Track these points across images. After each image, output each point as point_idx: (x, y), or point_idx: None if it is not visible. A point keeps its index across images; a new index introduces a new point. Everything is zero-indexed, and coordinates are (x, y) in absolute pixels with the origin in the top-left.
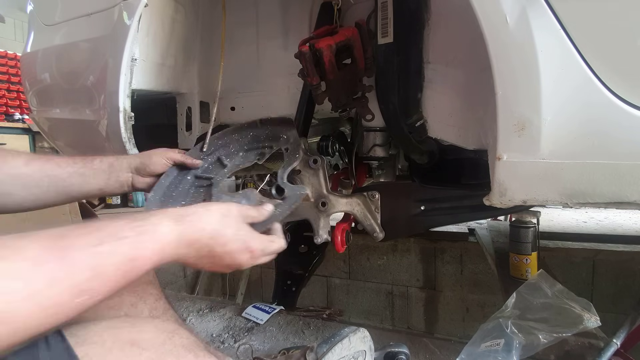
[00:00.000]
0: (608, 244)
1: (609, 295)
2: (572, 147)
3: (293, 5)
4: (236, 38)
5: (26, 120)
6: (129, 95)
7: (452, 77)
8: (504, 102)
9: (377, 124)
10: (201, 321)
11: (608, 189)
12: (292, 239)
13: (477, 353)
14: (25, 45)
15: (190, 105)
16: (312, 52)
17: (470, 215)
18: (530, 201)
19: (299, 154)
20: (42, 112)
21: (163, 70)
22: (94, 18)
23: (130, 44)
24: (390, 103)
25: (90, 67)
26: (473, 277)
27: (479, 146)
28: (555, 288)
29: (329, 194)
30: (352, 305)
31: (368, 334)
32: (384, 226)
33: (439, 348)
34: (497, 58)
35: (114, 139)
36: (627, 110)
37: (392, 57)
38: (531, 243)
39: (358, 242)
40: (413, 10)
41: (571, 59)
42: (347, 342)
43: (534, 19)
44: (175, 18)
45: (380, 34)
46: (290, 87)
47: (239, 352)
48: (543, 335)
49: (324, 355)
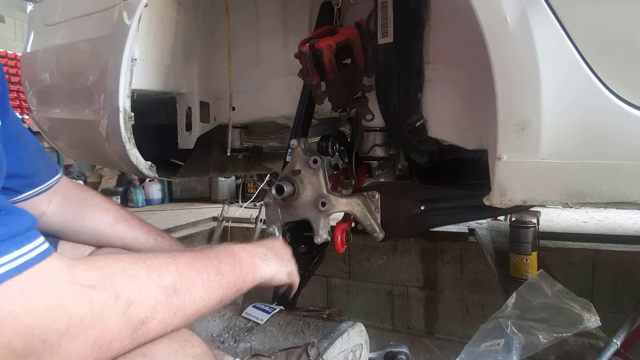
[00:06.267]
0: (608, 244)
1: (609, 295)
2: (572, 147)
3: (293, 5)
4: (236, 38)
5: (26, 120)
6: (129, 95)
7: (452, 77)
8: (504, 102)
9: (377, 124)
10: (201, 321)
11: (608, 189)
12: (292, 239)
13: (477, 353)
14: (25, 45)
15: (190, 105)
16: (312, 52)
17: (470, 215)
18: (530, 201)
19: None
20: (42, 112)
21: (163, 70)
22: (94, 18)
23: (130, 44)
24: (390, 103)
25: (90, 67)
26: (473, 277)
27: (479, 146)
28: (555, 288)
29: (329, 194)
30: (352, 305)
31: (364, 327)
32: (384, 226)
33: (439, 348)
34: (497, 58)
35: (114, 139)
36: (627, 110)
37: (392, 57)
38: (531, 243)
39: (358, 242)
40: (413, 10)
41: (571, 59)
42: (346, 337)
43: (534, 19)
44: (175, 18)
45: (380, 34)
46: (290, 87)
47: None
48: (543, 335)
49: (325, 350)
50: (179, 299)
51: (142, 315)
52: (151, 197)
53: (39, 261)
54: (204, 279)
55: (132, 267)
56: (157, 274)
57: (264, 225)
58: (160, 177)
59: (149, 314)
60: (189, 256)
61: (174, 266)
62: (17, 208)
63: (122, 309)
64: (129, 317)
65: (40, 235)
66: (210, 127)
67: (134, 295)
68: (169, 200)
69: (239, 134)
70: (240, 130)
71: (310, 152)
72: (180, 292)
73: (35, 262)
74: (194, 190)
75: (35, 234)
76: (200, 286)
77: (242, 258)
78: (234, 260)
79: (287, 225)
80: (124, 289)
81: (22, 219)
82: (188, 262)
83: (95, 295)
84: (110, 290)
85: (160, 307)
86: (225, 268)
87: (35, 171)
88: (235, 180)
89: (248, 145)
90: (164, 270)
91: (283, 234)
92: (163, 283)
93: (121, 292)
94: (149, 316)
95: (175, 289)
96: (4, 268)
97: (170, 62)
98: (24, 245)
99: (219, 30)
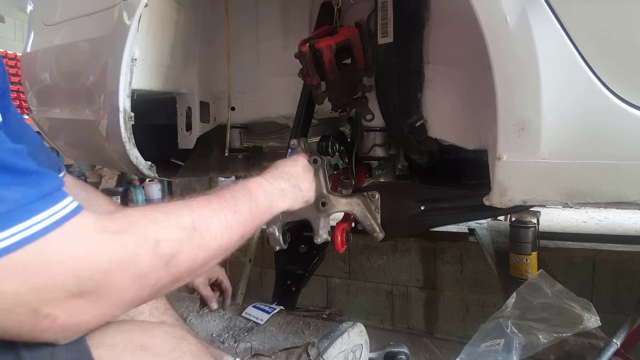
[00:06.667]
0: (608, 244)
1: (609, 295)
2: (572, 147)
3: (293, 5)
4: (236, 38)
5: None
6: (129, 95)
7: (452, 77)
8: (504, 102)
9: (377, 124)
10: (201, 321)
11: (608, 189)
12: (292, 239)
13: (477, 353)
14: (25, 45)
15: (190, 105)
16: (312, 52)
17: (470, 215)
18: (530, 201)
19: None
20: (42, 112)
21: (163, 70)
22: (94, 18)
23: (130, 44)
24: (390, 103)
25: (90, 67)
26: (473, 277)
27: (479, 146)
28: (555, 288)
29: (329, 194)
30: (352, 305)
31: (364, 328)
32: (384, 226)
33: (439, 348)
34: (497, 58)
35: (114, 139)
36: (627, 110)
37: (392, 57)
38: (531, 243)
39: (358, 242)
40: (413, 10)
41: (571, 59)
42: (346, 337)
43: (534, 19)
44: (175, 18)
45: (380, 34)
46: (290, 87)
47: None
48: (543, 335)
49: (325, 350)
50: (200, 236)
51: (170, 250)
52: (151, 197)
53: (73, 216)
54: (221, 218)
55: (152, 213)
56: (174, 216)
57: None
58: (160, 177)
59: (176, 248)
60: (204, 199)
61: (189, 208)
62: (45, 171)
63: (152, 246)
64: (159, 253)
65: (68, 194)
66: (210, 127)
67: (159, 234)
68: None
69: (239, 134)
70: (240, 130)
71: (310, 152)
72: (200, 229)
73: (70, 217)
74: (194, 190)
75: (64, 194)
76: (219, 224)
77: (258, 196)
78: (250, 199)
79: (287, 225)
80: (149, 231)
81: (53, 180)
82: (204, 204)
83: (126, 239)
84: (139, 234)
85: (184, 244)
86: (241, 207)
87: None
88: (235, 180)
89: (248, 145)
90: (180, 212)
91: (283, 234)
92: (182, 223)
93: (148, 234)
94: (176, 251)
95: (194, 227)
96: (48, 221)
97: (170, 62)
98: (57, 202)
99: (219, 30)
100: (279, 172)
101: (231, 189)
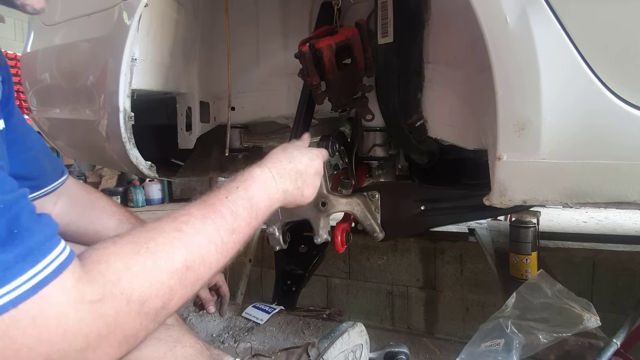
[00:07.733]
0: (608, 244)
1: (609, 295)
2: (572, 147)
3: (293, 5)
4: (236, 38)
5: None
6: (129, 95)
7: (452, 77)
8: (504, 102)
9: (377, 124)
10: (201, 321)
11: (608, 189)
12: (292, 239)
13: (477, 353)
14: (25, 45)
15: (190, 105)
16: (312, 52)
17: (470, 215)
18: (530, 201)
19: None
20: (42, 112)
21: (163, 70)
22: (93, 18)
23: (130, 44)
24: (390, 103)
25: (90, 67)
26: (473, 277)
27: (479, 146)
28: (555, 288)
29: (329, 194)
30: (352, 305)
31: (364, 328)
32: (384, 226)
33: (439, 348)
34: (497, 58)
35: (114, 139)
36: (627, 110)
37: (392, 57)
38: (531, 243)
39: (358, 242)
40: (413, 10)
41: (571, 59)
42: (347, 337)
43: (534, 19)
44: (175, 18)
45: (380, 34)
46: (290, 87)
47: (239, 350)
48: (543, 335)
49: (326, 350)
50: (194, 274)
51: (159, 304)
52: (151, 197)
53: (55, 277)
54: (217, 243)
55: (136, 260)
56: (164, 259)
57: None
58: (160, 177)
59: (165, 299)
60: (199, 218)
61: (182, 241)
62: (37, 217)
63: (137, 308)
64: (146, 311)
65: (58, 242)
66: (210, 127)
67: (145, 292)
68: (169, 200)
69: (239, 134)
70: (240, 130)
71: None
72: (193, 267)
73: (50, 280)
74: (194, 190)
75: (52, 245)
76: (214, 252)
77: (259, 203)
78: (250, 210)
79: (287, 225)
80: (132, 291)
81: (41, 230)
82: (197, 228)
83: (106, 308)
84: (120, 298)
85: (175, 290)
86: (240, 224)
87: (41, 173)
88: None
89: (248, 145)
90: (171, 252)
91: (283, 234)
92: (173, 267)
93: (131, 296)
94: (165, 301)
95: (187, 267)
96: (17, 292)
97: (170, 62)
98: (39, 261)
99: (219, 30)
100: (290, 168)
101: (232, 197)
